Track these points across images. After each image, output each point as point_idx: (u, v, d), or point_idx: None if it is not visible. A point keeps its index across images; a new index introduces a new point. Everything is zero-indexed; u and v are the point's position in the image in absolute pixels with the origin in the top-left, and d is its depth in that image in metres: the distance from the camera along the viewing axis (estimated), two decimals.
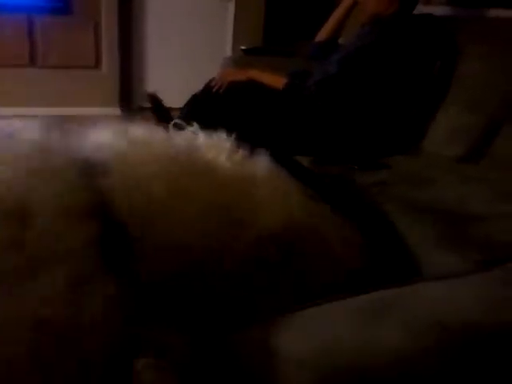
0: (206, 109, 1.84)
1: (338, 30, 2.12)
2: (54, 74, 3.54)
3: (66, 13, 3.49)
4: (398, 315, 0.59)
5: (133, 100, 3.96)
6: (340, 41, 2.14)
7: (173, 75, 3.92)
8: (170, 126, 0.87)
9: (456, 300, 0.62)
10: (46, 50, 3.48)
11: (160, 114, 1.99)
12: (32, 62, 3.48)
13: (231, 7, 3.92)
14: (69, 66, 3.58)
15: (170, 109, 2.05)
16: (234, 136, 0.85)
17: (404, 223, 1.15)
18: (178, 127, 0.86)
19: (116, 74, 3.73)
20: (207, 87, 1.98)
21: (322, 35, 2.12)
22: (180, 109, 1.96)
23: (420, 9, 1.90)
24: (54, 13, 3.46)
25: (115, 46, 3.66)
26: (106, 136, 0.72)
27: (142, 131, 0.76)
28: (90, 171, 0.63)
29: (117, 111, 3.77)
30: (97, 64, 3.68)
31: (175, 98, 3.87)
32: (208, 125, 0.90)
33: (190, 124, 0.89)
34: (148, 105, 2.16)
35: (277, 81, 1.82)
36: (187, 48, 3.93)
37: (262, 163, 0.81)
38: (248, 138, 1.62)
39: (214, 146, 0.79)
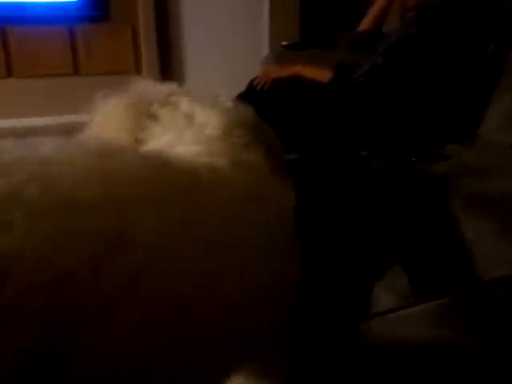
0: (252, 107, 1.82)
1: (381, 19, 2.06)
2: (97, 81, 3.61)
3: (105, 20, 3.55)
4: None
5: None
6: (384, 29, 2.08)
7: (212, 75, 3.93)
8: None
9: None
10: (88, 59, 3.56)
11: None
12: (76, 70, 3.56)
13: (266, 2, 3.89)
14: (110, 72, 3.63)
15: None
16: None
17: (468, 218, 1.10)
18: None
19: (156, 78, 3.77)
20: (250, 86, 1.97)
21: (364, 25, 2.07)
22: None
23: None
24: (93, 21, 3.52)
25: (154, 49, 3.70)
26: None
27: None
28: None
29: None
30: (137, 69, 3.73)
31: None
32: None
33: None
34: None
35: (322, 75, 1.78)
36: (225, 47, 3.93)
37: None
38: (297, 135, 1.60)
39: None
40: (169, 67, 3.89)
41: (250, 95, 1.89)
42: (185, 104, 0.73)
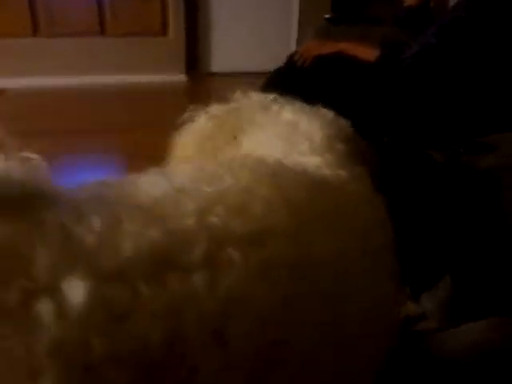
0: (292, 85, 1.77)
1: None
2: (123, 42, 3.54)
3: None
4: None
5: (199, 66, 3.92)
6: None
7: (238, 40, 3.84)
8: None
9: None
10: (114, 19, 3.47)
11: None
12: (102, 31, 3.49)
13: None
14: (136, 33, 3.56)
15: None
16: None
17: None
18: None
19: (182, 40, 3.69)
20: (290, 61, 1.90)
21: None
22: (246, 73, 1.89)
23: None
24: None
25: (181, 12, 3.60)
26: None
27: None
28: None
29: (183, 78, 3.75)
30: (163, 31, 3.64)
31: (241, 62, 3.83)
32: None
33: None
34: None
35: (368, 53, 1.71)
36: (252, 12, 3.82)
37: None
38: (341, 115, 1.55)
39: None
40: (195, 30, 3.80)
41: (291, 72, 1.83)
42: (288, 113, 0.72)
